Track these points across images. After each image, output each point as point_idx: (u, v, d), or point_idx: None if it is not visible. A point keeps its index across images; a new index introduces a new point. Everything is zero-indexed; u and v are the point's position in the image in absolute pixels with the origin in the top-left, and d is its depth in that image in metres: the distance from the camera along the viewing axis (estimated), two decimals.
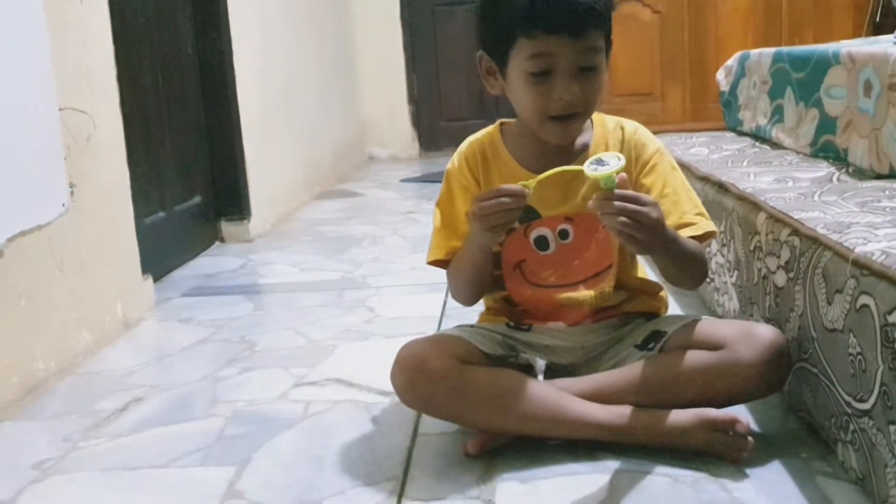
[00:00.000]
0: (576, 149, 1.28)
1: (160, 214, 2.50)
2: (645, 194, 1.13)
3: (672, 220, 1.21)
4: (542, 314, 1.31)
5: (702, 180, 1.81)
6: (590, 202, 1.09)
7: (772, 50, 2.28)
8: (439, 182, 1.36)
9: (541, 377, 1.31)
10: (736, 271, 1.53)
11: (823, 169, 1.68)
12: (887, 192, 1.38)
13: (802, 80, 1.97)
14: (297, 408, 1.46)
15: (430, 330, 1.69)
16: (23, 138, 1.61)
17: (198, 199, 2.83)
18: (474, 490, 1.12)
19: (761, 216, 1.38)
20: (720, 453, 1.14)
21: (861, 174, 1.58)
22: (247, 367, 1.68)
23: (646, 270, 1.37)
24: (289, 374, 1.62)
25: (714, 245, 1.68)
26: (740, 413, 1.19)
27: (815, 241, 1.15)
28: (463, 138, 1.35)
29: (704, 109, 3.67)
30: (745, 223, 1.46)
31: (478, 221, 1.14)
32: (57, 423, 1.46)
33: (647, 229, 1.07)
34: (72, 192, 1.77)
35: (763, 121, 2.27)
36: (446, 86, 5.44)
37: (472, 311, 1.43)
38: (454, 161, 1.33)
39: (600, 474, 1.13)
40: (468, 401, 1.19)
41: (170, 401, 1.53)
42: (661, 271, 1.24)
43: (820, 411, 1.15)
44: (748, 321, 1.40)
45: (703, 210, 1.26)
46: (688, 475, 1.11)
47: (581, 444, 1.19)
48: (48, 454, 1.33)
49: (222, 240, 2.99)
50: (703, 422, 1.14)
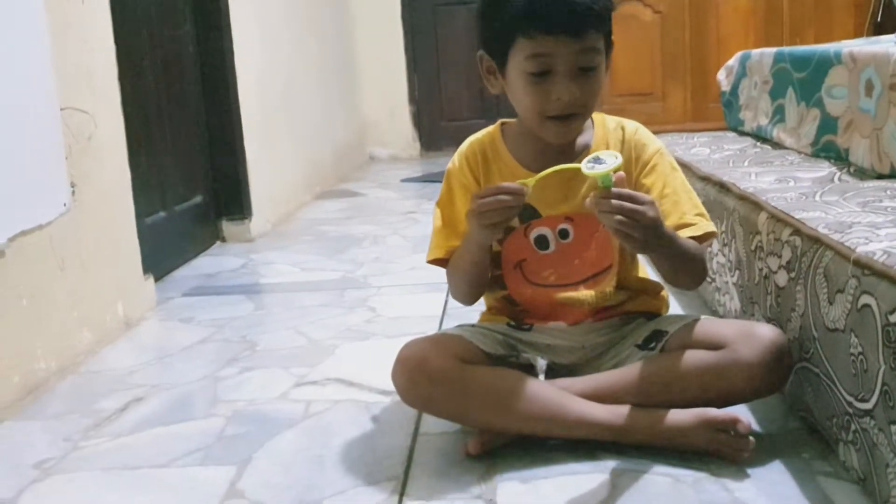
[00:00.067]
0: (576, 149, 1.28)
1: (161, 214, 2.50)
2: (642, 193, 1.13)
3: (672, 221, 1.21)
4: (542, 314, 1.31)
5: (703, 180, 1.81)
6: (587, 200, 1.09)
7: (773, 50, 2.28)
8: (440, 182, 1.36)
9: (542, 377, 1.31)
10: (737, 271, 1.53)
11: (825, 169, 1.68)
12: (888, 192, 1.38)
13: (804, 80, 1.97)
14: (297, 407, 1.46)
15: (430, 329, 1.69)
16: (24, 138, 1.61)
17: (199, 199, 2.83)
18: (475, 489, 1.12)
19: (762, 216, 1.38)
20: (721, 453, 1.14)
21: (862, 174, 1.58)
22: (247, 367, 1.68)
23: (647, 270, 1.37)
24: (289, 374, 1.62)
25: (715, 245, 1.68)
26: (741, 413, 1.19)
27: (816, 241, 1.15)
28: (463, 138, 1.35)
29: (705, 109, 3.67)
30: (747, 223, 1.46)
31: (476, 218, 1.14)
32: (58, 422, 1.46)
33: (643, 228, 1.07)
34: (73, 192, 1.77)
35: (764, 121, 2.27)
36: (447, 86, 5.44)
37: (472, 311, 1.43)
38: (455, 161, 1.33)
39: (601, 474, 1.13)
40: (469, 400, 1.19)
41: (170, 400, 1.53)
42: (659, 271, 1.24)
43: (821, 411, 1.15)
44: (749, 321, 1.39)
45: (703, 211, 1.26)
46: (688, 475, 1.11)
47: (582, 444, 1.19)
48: (49, 454, 1.33)
49: (223, 239, 2.99)
50: (704, 421, 1.14)
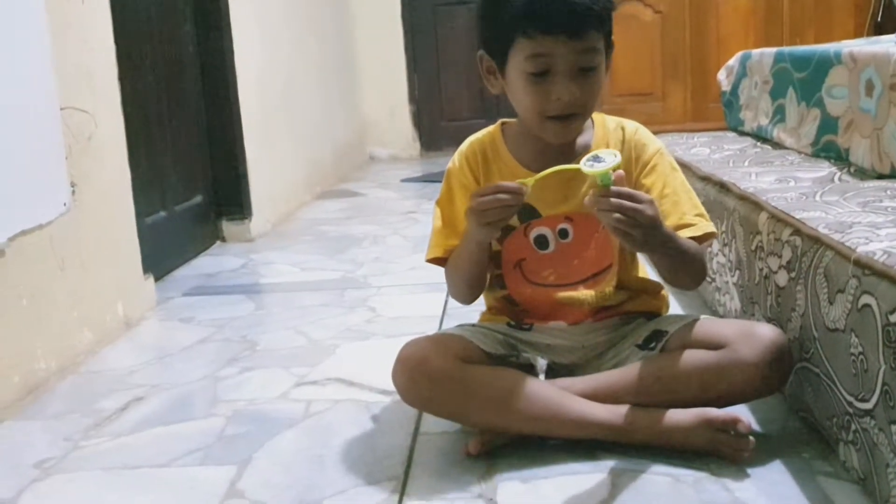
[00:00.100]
0: (576, 149, 1.27)
1: (161, 214, 2.50)
2: (641, 191, 1.12)
3: (672, 221, 1.21)
4: (542, 313, 1.31)
5: (703, 180, 1.81)
6: (586, 198, 1.09)
7: (773, 50, 2.28)
8: (440, 182, 1.36)
9: (542, 377, 1.31)
10: (737, 271, 1.53)
11: (825, 169, 1.68)
12: (889, 192, 1.38)
13: (804, 79, 1.97)
14: (297, 407, 1.46)
15: (431, 329, 1.69)
16: (24, 138, 1.61)
17: (199, 199, 2.83)
18: (475, 489, 1.12)
19: (763, 216, 1.38)
20: (721, 453, 1.14)
21: (863, 174, 1.58)
22: (247, 367, 1.68)
23: (647, 270, 1.37)
24: (289, 374, 1.62)
25: (715, 245, 1.68)
26: (741, 413, 1.19)
27: (816, 241, 1.15)
28: (463, 138, 1.35)
29: (705, 109, 3.67)
30: (747, 223, 1.46)
31: (475, 216, 1.14)
32: (58, 422, 1.46)
33: (642, 226, 1.07)
34: (73, 192, 1.77)
35: (764, 121, 2.27)
36: (447, 85, 5.43)
37: (473, 311, 1.43)
38: (455, 160, 1.33)
39: (601, 474, 1.13)
40: (469, 400, 1.19)
41: (170, 400, 1.53)
42: (659, 271, 1.24)
43: (821, 411, 1.15)
44: (749, 321, 1.39)
45: (703, 211, 1.26)
46: (689, 475, 1.11)
47: (582, 444, 1.19)
48: (49, 453, 1.33)
49: (223, 239, 2.99)
50: (705, 421, 1.14)
